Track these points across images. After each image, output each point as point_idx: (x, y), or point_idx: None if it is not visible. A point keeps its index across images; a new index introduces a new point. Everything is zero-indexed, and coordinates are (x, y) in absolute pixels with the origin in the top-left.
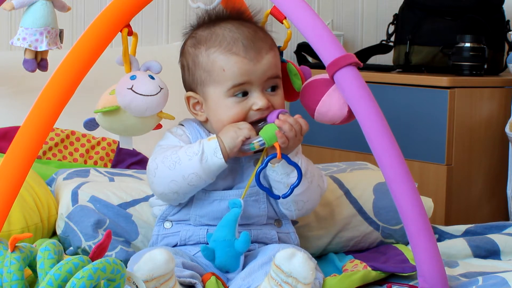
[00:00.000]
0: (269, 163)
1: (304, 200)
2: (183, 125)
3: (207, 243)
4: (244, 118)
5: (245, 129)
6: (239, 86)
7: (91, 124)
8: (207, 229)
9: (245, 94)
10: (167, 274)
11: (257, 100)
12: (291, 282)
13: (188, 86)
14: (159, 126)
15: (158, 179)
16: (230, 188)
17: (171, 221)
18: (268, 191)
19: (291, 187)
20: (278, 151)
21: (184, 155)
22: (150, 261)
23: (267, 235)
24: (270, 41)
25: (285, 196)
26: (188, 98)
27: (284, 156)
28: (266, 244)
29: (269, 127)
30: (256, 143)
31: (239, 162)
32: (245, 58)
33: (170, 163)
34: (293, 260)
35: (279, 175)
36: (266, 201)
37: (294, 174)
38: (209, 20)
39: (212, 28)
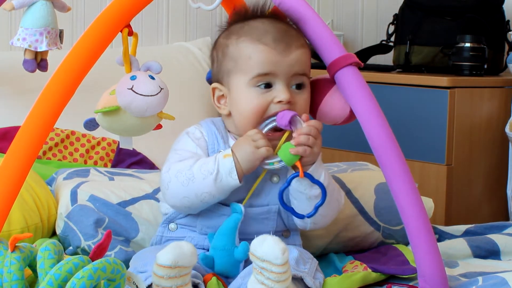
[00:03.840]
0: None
1: (323, 214)
2: (201, 125)
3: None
4: (265, 111)
5: (262, 148)
6: (263, 76)
7: (91, 124)
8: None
9: (268, 86)
10: (189, 267)
11: (279, 93)
12: (266, 266)
13: (215, 78)
14: (159, 127)
15: (171, 193)
16: (241, 200)
17: (177, 224)
18: (292, 211)
19: (316, 206)
20: (300, 170)
21: (198, 173)
22: (178, 248)
23: None
24: (302, 40)
25: (309, 215)
26: (213, 90)
27: (307, 175)
28: None
29: (285, 147)
30: (276, 163)
31: (253, 173)
32: (273, 49)
33: (184, 180)
34: (263, 244)
35: (302, 185)
36: (277, 218)
37: (317, 186)
38: (245, 15)
39: (246, 22)
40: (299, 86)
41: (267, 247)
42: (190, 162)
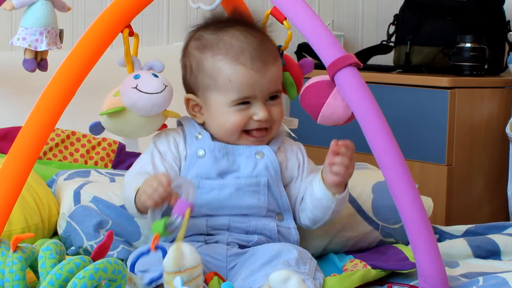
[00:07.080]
0: None
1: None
2: (181, 123)
3: (207, 234)
4: (245, 125)
5: (149, 201)
6: (243, 99)
7: (96, 128)
8: (207, 219)
9: (246, 103)
10: (198, 267)
11: (258, 111)
12: None
13: (189, 88)
14: (164, 126)
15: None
16: (225, 173)
17: None
18: None
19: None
20: (152, 243)
21: (123, 194)
22: (177, 250)
23: (267, 227)
24: (275, 52)
25: None
26: (187, 100)
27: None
28: (265, 236)
29: (159, 224)
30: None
31: (235, 148)
32: (251, 69)
33: (123, 198)
34: (287, 284)
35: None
36: (267, 193)
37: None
38: (216, 23)
39: (219, 34)
40: (274, 97)
41: None
42: (134, 167)
